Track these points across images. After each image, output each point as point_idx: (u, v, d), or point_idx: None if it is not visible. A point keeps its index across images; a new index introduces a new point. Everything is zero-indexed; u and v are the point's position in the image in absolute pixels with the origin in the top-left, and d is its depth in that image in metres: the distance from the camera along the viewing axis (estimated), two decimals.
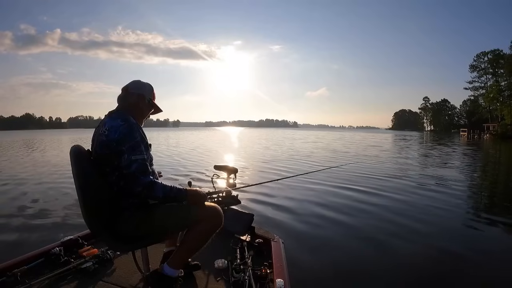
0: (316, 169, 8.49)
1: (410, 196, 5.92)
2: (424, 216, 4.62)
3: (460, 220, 4.56)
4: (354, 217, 4.50)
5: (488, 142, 35.97)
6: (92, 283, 1.95)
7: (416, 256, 3.23)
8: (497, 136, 45.73)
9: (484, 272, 2.91)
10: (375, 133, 73.63)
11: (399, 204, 5.31)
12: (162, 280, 1.78)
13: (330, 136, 46.76)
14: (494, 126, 53.70)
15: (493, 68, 61.16)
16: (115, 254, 2.26)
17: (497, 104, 59.12)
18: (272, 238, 2.51)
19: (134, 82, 1.92)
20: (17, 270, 1.93)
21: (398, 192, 6.25)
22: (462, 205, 5.44)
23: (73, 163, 1.70)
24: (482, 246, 3.57)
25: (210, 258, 2.19)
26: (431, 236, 3.80)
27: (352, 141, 30.91)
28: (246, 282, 1.85)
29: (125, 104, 1.85)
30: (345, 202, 5.37)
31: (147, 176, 1.64)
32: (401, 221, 4.32)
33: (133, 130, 1.69)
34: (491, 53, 62.16)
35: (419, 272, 2.90)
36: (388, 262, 3.07)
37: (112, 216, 1.69)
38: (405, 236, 3.75)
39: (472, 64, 65.80)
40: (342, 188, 6.56)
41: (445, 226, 4.24)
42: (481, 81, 65.13)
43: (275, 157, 14.05)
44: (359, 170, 9.33)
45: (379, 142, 28.71)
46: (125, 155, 1.63)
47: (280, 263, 2.05)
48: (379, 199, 5.61)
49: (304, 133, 66.42)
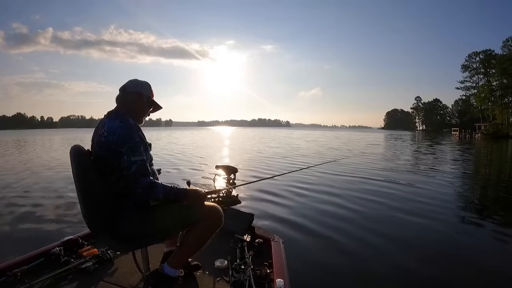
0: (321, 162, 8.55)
1: (411, 195, 6.00)
2: (424, 215, 4.65)
3: (456, 219, 4.64)
4: (354, 217, 4.51)
5: (480, 141, 36.34)
6: (92, 283, 1.95)
7: (416, 256, 3.25)
8: (489, 135, 46.29)
9: (476, 271, 2.95)
10: (369, 133, 74.20)
11: (400, 203, 5.37)
12: (162, 280, 1.78)
13: (327, 135, 46.98)
14: (485, 126, 54.36)
15: (485, 68, 61.75)
16: (115, 254, 2.26)
17: (488, 104, 59.92)
18: (272, 238, 2.52)
19: (131, 81, 1.90)
20: (17, 270, 1.92)
21: (400, 190, 6.38)
22: (458, 203, 5.56)
23: (73, 163, 1.69)
24: (474, 245, 3.63)
25: (210, 258, 2.20)
26: (431, 236, 3.84)
27: (350, 140, 31.10)
28: (246, 282, 1.86)
29: (124, 104, 1.84)
30: (346, 202, 5.39)
31: (147, 177, 1.64)
32: (402, 221, 4.37)
33: (132, 131, 1.68)
34: (482, 53, 62.80)
35: (419, 272, 2.91)
36: (388, 262, 3.09)
37: (112, 216, 1.69)
38: (406, 236, 3.79)
39: (464, 64, 66.49)
40: (343, 187, 6.63)
41: (446, 226, 4.27)
42: (472, 81, 65.90)
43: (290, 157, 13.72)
44: (360, 166, 9.56)
45: (376, 141, 29.02)
46: (124, 156, 1.63)
47: (280, 263, 2.06)
48: (380, 199, 5.64)
49: (300, 132, 66.32)
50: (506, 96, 55.94)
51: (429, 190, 6.54)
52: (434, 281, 2.75)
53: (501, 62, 54.26)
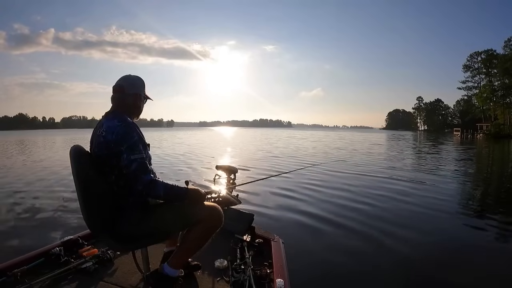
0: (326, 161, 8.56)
1: (413, 194, 6.01)
2: (424, 215, 4.66)
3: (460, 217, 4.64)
4: (355, 216, 4.49)
5: (481, 141, 36.26)
6: (92, 283, 1.95)
7: (416, 256, 3.24)
8: (490, 135, 46.21)
9: (478, 271, 2.94)
10: (371, 133, 74.03)
11: (402, 203, 5.37)
12: (162, 280, 1.78)
13: (330, 135, 46.94)
14: (487, 126, 54.22)
15: (486, 68, 61.59)
16: (115, 254, 2.26)
17: (490, 104, 59.75)
18: (272, 238, 2.52)
19: (127, 81, 1.88)
20: (17, 270, 1.92)
21: (402, 190, 6.38)
22: (462, 202, 5.56)
23: (73, 163, 1.70)
24: (475, 244, 3.62)
25: (210, 258, 2.20)
26: (431, 236, 3.81)
27: (353, 140, 31.18)
28: (246, 282, 1.86)
29: (122, 104, 1.84)
30: (346, 201, 5.38)
31: (147, 174, 1.64)
32: (402, 220, 4.35)
33: (130, 130, 1.69)
34: (484, 53, 62.62)
35: (419, 272, 2.90)
36: (388, 261, 3.08)
37: (112, 215, 1.69)
38: (406, 236, 3.76)
39: (466, 64, 66.35)
40: (346, 186, 6.63)
41: (446, 225, 4.27)
42: (474, 81, 65.71)
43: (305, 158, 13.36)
44: (365, 165, 9.70)
45: (379, 141, 29.21)
46: (124, 155, 1.63)
47: (280, 263, 2.06)
48: (383, 198, 5.64)
49: (303, 133, 66.06)
50: (508, 96, 55.88)
51: (436, 192, 6.44)
52: (435, 282, 2.74)
53: (503, 62, 54.17)
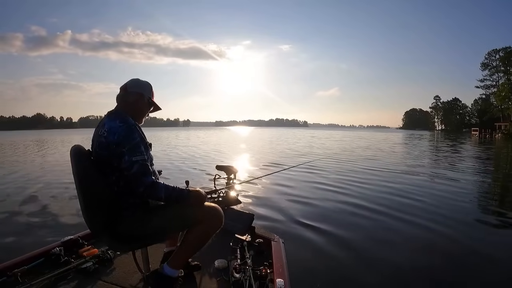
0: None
1: (417, 193, 5.93)
2: (430, 216, 4.53)
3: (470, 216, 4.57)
4: (355, 216, 4.47)
5: (500, 141, 35.31)
6: (92, 283, 1.95)
7: (417, 256, 3.21)
8: (509, 135, 44.72)
9: (489, 273, 2.86)
10: (389, 132, 72.91)
11: (406, 201, 5.33)
12: (162, 280, 1.78)
13: (350, 135, 46.78)
14: (506, 125, 52.56)
15: (505, 66, 60.08)
16: (115, 254, 2.27)
17: (509, 102, 57.87)
18: (272, 238, 2.52)
19: (133, 81, 1.90)
20: (17, 270, 1.93)
21: (408, 188, 6.33)
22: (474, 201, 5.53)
23: (73, 163, 1.70)
24: (488, 246, 3.50)
25: (210, 258, 2.20)
26: (432, 237, 3.75)
27: (374, 139, 31.35)
28: (246, 282, 1.85)
29: (124, 104, 1.84)
30: (347, 200, 5.34)
31: (148, 176, 1.64)
32: (403, 220, 4.28)
33: (132, 131, 1.68)
34: (502, 51, 61.22)
35: (419, 272, 2.86)
36: (389, 261, 3.05)
37: (112, 216, 1.69)
38: (407, 235, 3.73)
39: (483, 62, 65.03)
40: (350, 186, 6.59)
41: (447, 226, 4.16)
42: (492, 79, 64.39)
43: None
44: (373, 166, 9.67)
45: (401, 141, 29.38)
46: (125, 156, 1.63)
47: (280, 263, 2.05)
48: (385, 197, 5.58)
49: (321, 132, 64.79)
50: None
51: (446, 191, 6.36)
52: (434, 282, 2.71)
53: None
